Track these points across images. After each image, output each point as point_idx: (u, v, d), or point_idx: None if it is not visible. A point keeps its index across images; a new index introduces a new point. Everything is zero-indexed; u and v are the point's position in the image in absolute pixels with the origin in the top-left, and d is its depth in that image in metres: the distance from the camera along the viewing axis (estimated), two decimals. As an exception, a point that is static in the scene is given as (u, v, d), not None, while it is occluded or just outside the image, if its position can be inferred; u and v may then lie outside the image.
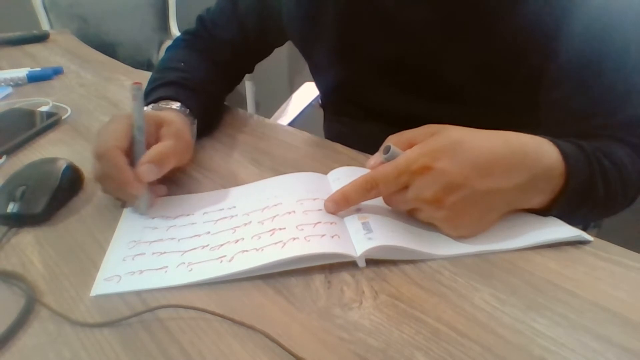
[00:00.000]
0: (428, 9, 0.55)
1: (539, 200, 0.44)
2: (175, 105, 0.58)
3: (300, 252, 0.39)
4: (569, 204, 0.44)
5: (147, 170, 0.46)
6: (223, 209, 0.47)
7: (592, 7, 0.49)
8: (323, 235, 0.40)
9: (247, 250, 0.40)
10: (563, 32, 0.50)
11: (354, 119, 0.72)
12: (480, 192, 0.40)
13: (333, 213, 0.44)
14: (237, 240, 0.42)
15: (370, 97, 0.67)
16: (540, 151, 0.43)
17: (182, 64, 0.67)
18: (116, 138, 0.46)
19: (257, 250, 0.40)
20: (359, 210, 0.44)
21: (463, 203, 0.40)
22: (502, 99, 0.57)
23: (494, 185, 0.40)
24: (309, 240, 0.40)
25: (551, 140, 0.44)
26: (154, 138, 0.49)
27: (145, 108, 0.56)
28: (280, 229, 0.42)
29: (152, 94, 0.60)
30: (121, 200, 0.50)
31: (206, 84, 0.65)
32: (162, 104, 0.58)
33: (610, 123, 0.50)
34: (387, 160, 0.42)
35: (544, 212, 0.44)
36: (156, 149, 0.47)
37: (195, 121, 0.60)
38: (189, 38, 0.75)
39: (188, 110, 0.59)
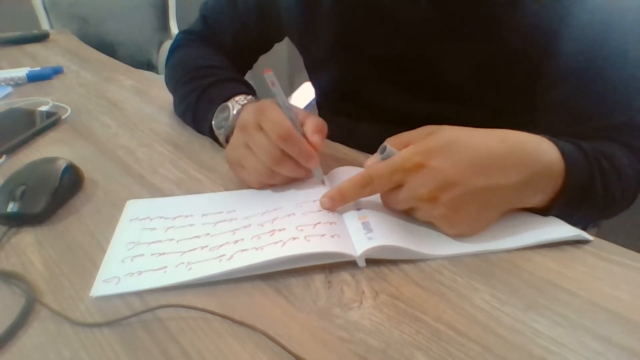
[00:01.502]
0: (427, 7, 0.55)
1: (538, 199, 0.44)
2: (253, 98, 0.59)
3: (300, 251, 0.39)
4: (568, 204, 0.44)
5: (318, 139, 0.47)
6: (222, 212, 0.47)
7: (592, 9, 0.49)
8: (323, 235, 0.40)
9: (246, 250, 0.40)
10: (563, 33, 0.50)
11: (350, 118, 0.72)
12: (476, 189, 0.40)
13: (329, 209, 0.44)
14: (237, 241, 0.42)
15: (367, 96, 0.67)
16: (539, 149, 0.43)
17: (220, 63, 0.68)
18: (286, 120, 0.46)
19: (256, 249, 0.40)
20: (359, 210, 0.44)
21: (459, 201, 0.40)
22: (501, 99, 0.57)
23: (491, 183, 0.40)
24: (309, 240, 0.40)
25: (550, 139, 0.44)
26: None
27: (230, 103, 0.57)
28: (280, 230, 0.42)
29: (222, 89, 0.60)
30: (284, 182, 0.50)
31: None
32: (241, 97, 0.58)
33: (609, 125, 0.50)
34: (384, 159, 0.42)
35: (543, 211, 0.44)
36: (312, 121, 0.49)
37: None
38: (196, 38, 0.75)
39: None
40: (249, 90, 0.61)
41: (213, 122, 0.59)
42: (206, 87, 0.62)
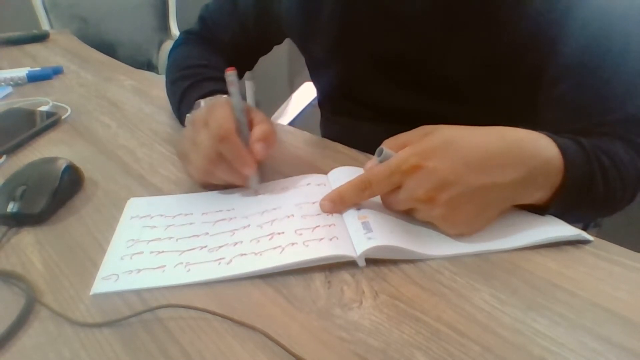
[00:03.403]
0: (428, 2, 0.55)
1: (538, 196, 0.43)
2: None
3: (299, 258, 0.39)
4: (568, 200, 0.44)
5: (261, 148, 0.47)
6: (222, 211, 0.47)
7: (594, 6, 0.49)
8: (322, 239, 0.40)
9: (245, 254, 0.40)
10: (564, 29, 0.50)
11: (352, 117, 0.72)
12: (474, 188, 0.40)
13: (329, 212, 0.44)
14: (236, 243, 0.42)
15: (368, 95, 0.67)
16: (537, 146, 0.43)
17: (207, 62, 0.68)
18: (230, 122, 0.46)
19: (255, 254, 0.40)
20: (358, 210, 0.44)
21: (457, 200, 0.40)
22: (503, 96, 0.57)
23: (489, 181, 0.40)
24: (307, 246, 0.40)
25: (549, 136, 0.44)
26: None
27: (202, 101, 0.57)
28: (279, 233, 0.42)
29: (201, 87, 0.60)
30: (223, 185, 0.50)
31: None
32: (218, 96, 0.58)
33: (610, 121, 0.50)
34: (381, 162, 0.42)
35: (543, 209, 0.44)
36: (261, 128, 0.48)
37: None
38: (194, 38, 0.75)
39: None
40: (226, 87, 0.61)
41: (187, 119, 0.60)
42: (188, 87, 0.63)
